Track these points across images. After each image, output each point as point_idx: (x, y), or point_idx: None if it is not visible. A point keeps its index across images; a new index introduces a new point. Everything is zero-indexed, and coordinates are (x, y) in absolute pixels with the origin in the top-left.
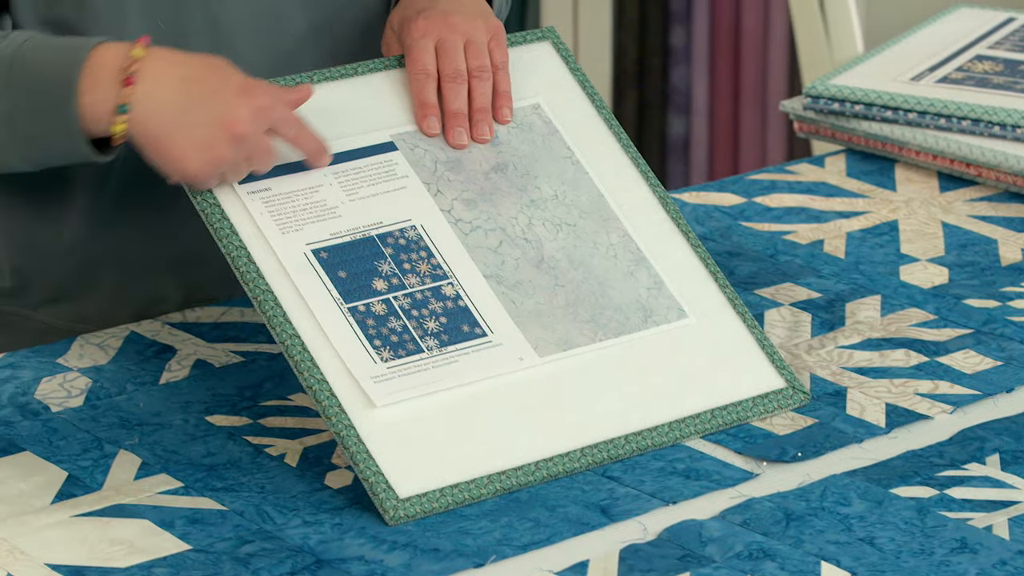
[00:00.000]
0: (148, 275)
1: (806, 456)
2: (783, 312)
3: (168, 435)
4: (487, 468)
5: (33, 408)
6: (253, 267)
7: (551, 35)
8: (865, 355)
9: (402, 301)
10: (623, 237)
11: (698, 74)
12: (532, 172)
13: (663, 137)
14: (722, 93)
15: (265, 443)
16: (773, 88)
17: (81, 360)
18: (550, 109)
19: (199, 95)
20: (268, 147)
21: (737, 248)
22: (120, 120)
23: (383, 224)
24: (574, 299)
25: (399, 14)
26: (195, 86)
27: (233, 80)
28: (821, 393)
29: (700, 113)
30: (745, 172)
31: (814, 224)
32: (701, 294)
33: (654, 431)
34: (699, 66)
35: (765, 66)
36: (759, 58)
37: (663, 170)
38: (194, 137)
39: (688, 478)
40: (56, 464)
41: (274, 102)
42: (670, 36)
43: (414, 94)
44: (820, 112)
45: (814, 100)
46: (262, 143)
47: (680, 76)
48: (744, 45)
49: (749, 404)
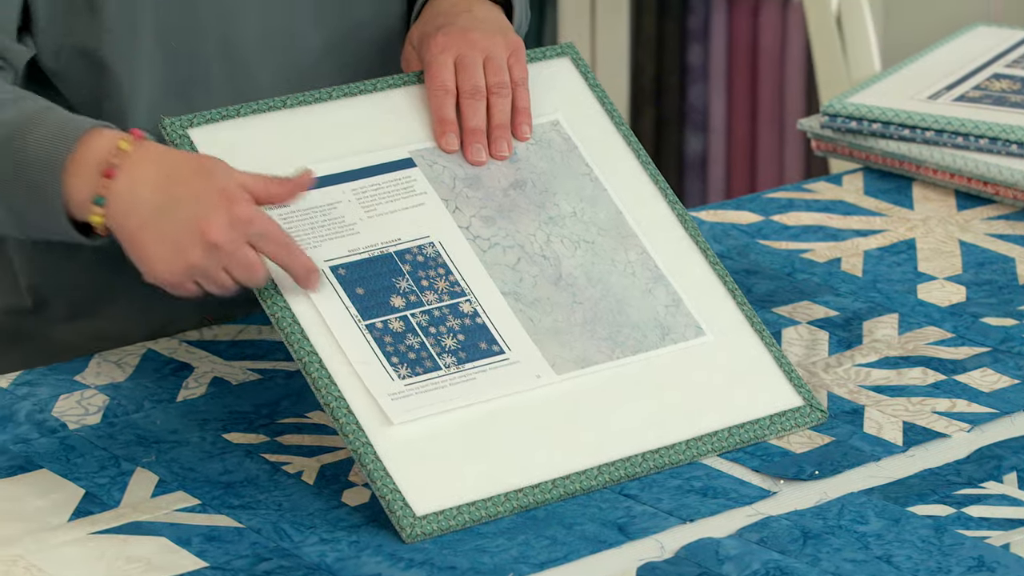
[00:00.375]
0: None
1: (823, 474)
2: (800, 330)
3: (185, 452)
4: (504, 486)
5: (50, 425)
6: (271, 284)
7: (570, 51)
8: (882, 373)
9: (420, 318)
10: (641, 254)
11: (715, 92)
12: (551, 189)
13: (680, 155)
14: (739, 111)
15: (282, 460)
16: (790, 106)
17: (98, 377)
18: (569, 125)
19: (177, 197)
20: (249, 260)
21: (754, 266)
22: (96, 211)
23: (401, 241)
24: (592, 316)
25: (419, 30)
26: (175, 188)
27: (217, 184)
28: (838, 411)
29: (717, 131)
30: (762, 190)
31: (831, 242)
32: (719, 312)
33: (671, 449)
34: (716, 84)
35: (782, 84)
36: (776, 76)
37: (680, 188)
38: (166, 240)
39: (705, 496)
40: (73, 481)
41: (256, 215)
42: (687, 54)
43: (433, 110)
44: (837, 130)
45: (831, 118)
46: (241, 254)
47: (697, 94)
48: (761, 63)
49: (766, 422)
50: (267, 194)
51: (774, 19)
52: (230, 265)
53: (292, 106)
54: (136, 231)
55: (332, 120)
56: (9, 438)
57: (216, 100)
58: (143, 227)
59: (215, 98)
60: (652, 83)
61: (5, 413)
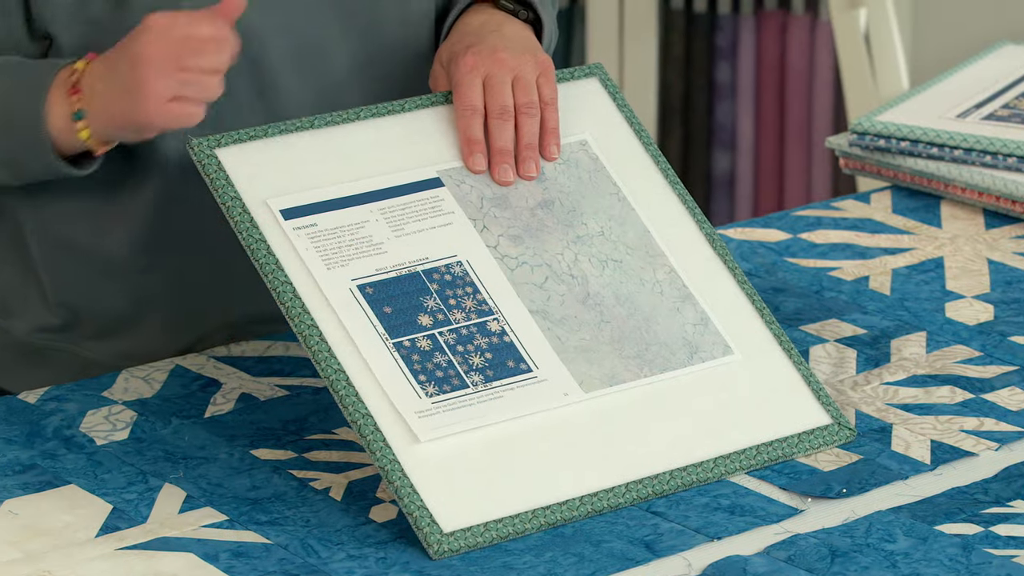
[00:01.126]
0: (196, 311)
1: (851, 492)
2: (828, 348)
3: (213, 468)
4: (532, 503)
5: (78, 441)
6: (298, 302)
7: (599, 71)
8: (910, 392)
9: (447, 336)
10: (669, 273)
11: (743, 110)
12: (578, 208)
13: (708, 173)
14: (767, 129)
15: (310, 477)
16: (818, 124)
17: (126, 393)
18: (597, 145)
19: (115, 60)
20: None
21: (782, 284)
22: (80, 127)
23: (429, 260)
24: (620, 335)
25: (448, 49)
26: (112, 57)
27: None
28: (866, 429)
29: (745, 149)
30: (790, 208)
31: (859, 260)
32: (747, 331)
33: (699, 467)
34: (744, 102)
35: (811, 102)
36: (805, 94)
37: (708, 206)
38: (126, 89)
39: (733, 514)
40: (101, 497)
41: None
42: (716, 72)
43: (460, 130)
44: (866, 148)
45: (860, 136)
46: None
47: (725, 112)
48: (789, 81)
49: (795, 440)
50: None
51: (802, 37)
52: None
53: (320, 126)
54: (107, 111)
55: (360, 140)
56: (37, 453)
57: (246, 118)
58: (109, 104)
59: (244, 116)
60: (680, 101)
61: (33, 429)
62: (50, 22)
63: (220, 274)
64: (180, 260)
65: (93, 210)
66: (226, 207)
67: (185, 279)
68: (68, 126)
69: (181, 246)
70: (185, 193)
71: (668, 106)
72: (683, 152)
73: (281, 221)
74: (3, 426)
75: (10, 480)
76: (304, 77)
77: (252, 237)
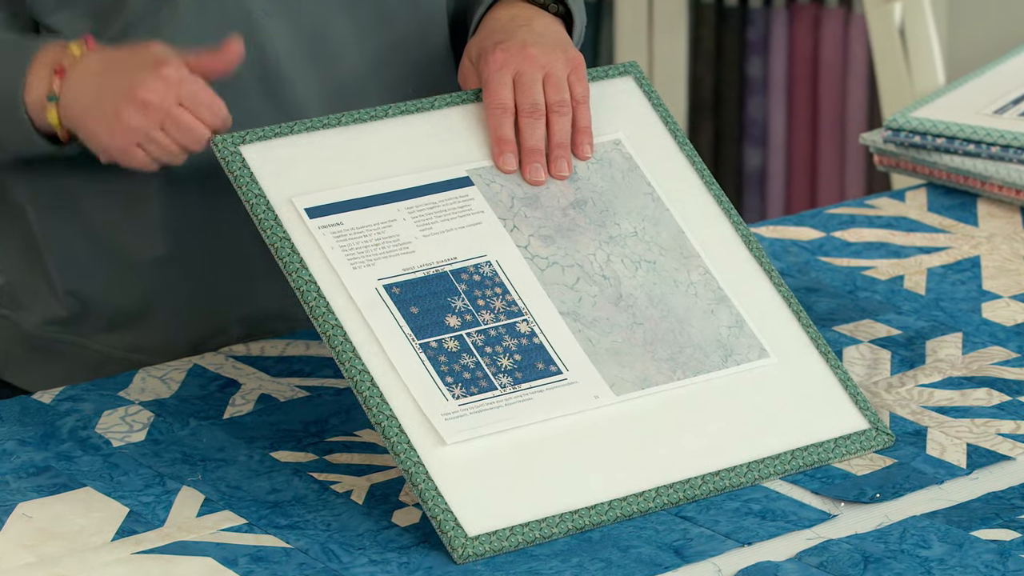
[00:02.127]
0: (209, 305)
1: (885, 497)
2: (862, 349)
3: (232, 471)
4: (559, 507)
5: (94, 442)
6: (323, 301)
7: (634, 70)
8: (946, 394)
9: (475, 338)
10: (704, 275)
11: (775, 105)
12: (611, 208)
13: (739, 169)
14: (800, 125)
15: (331, 479)
16: (852, 120)
17: (143, 393)
18: (631, 145)
19: (113, 73)
20: (184, 120)
21: (815, 283)
22: (50, 107)
23: (457, 260)
24: (652, 337)
25: (476, 45)
26: (112, 66)
27: (149, 55)
28: (901, 433)
29: (777, 145)
30: (823, 206)
31: (894, 259)
32: (783, 333)
33: (732, 471)
34: (776, 97)
35: (844, 98)
36: (838, 90)
37: (739, 203)
38: (105, 110)
39: (764, 519)
40: (117, 500)
41: (186, 76)
42: (747, 66)
43: (491, 129)
44: (901, 145)
45: (895, 133)
46: (175, 113)
47: (757, 107)
48: (823, 76)
49: (831, 445)
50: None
51: (836, 30)
52: (166, 125)
53: (347, 124)
54: (82, 114)
55: (387, 138)
56: (52, 455)
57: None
58: (86, 108)
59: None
60: (711, 96)
61: (48, 430)
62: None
63: (235, 267)
64: (194, 251)
65: (102, 197)
66: (250, 205)
67: (199, 271)
68: (42, 102)
69: (195, 236)
70: (200, 184)
71: (698, 101)
72: (714, 148)
73: (306, 220)
74: (17, 427)
75: (24, 482)
76: (316, 72)
77: (276, 235)
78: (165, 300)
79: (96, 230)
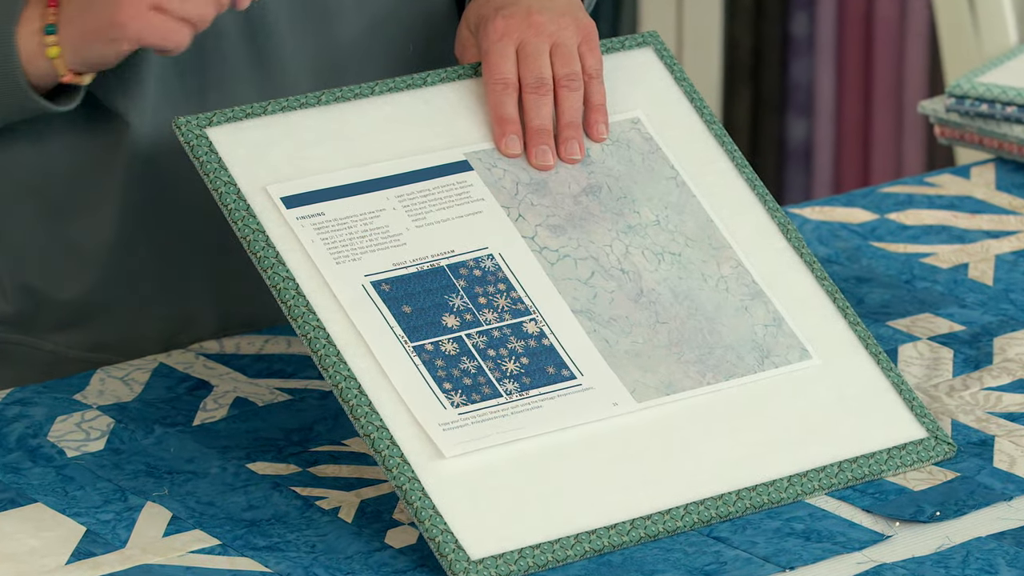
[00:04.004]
0: (177, 294)
1: (946, 516)
2: (920, 347)
3: (203, 485)
4: (574, 527)
5: (46, 452)
6: (302, 300)
7: (653, 40)
8: (1016, 398)
9: (477, 339)
10: (736, 268)
11: (823, 68)
12: (630, 195)
13: (781, 142)
14: (851, 91)
15: (316, 495)
16: (911, 86)
17: (101, 396)
18: (651, 124)
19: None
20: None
21: (867, 273)
22: (50, 42)
23: (455, 253)
24: (678, 337)
25: (475, 11)
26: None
27: None
28: (964, 443)
29: (824, 114)
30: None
31: (957, 245)
32: (827, 332)
33: (771, 486)
34: (824, 59)
35: (902, 60)
36: (895, 50)
37: (780, 181)
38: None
39: (808, 540)
40: (72, 518)
41: None
42: (790, 24)
43: (491, 107)
44: (965, 115)
45: (958, 100)
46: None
47: (801, 70)
48: (877, 35)
49: (884, 457)
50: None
51: None
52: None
53: (328, 102)
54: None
55: (374, 118)
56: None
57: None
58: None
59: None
60: (749, 58)
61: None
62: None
63: (206, 253)
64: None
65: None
66: (219, 194)
67: (163, 258)
68: (38, 48)
69: (158, 219)
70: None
71: (735, 64)
72: (751, 118)
73: (283, 210)
74: None
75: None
76: (307, 40)
77: (248, 228)
78: (126, 292)
79: (46, 215)
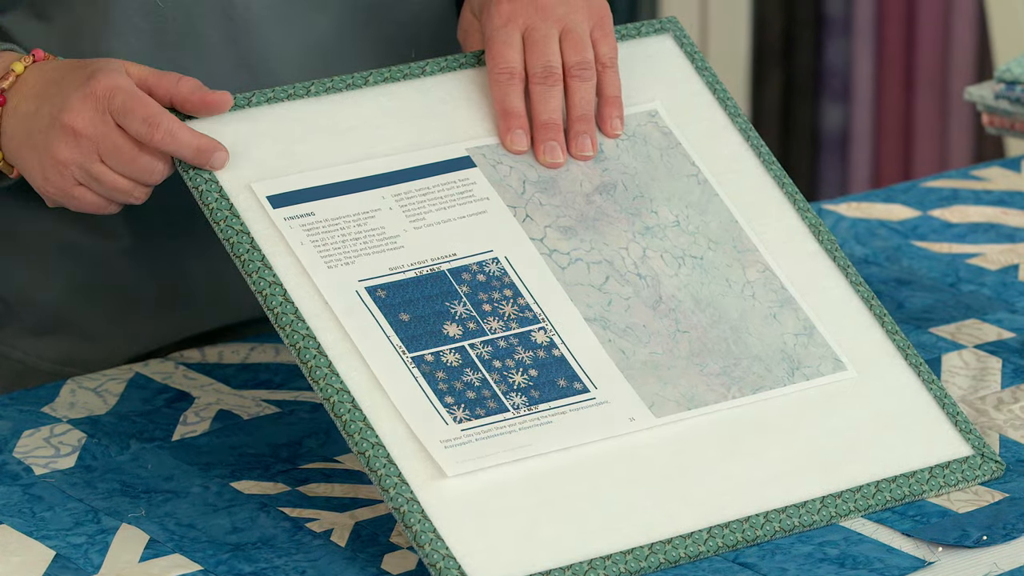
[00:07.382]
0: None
1: (993, 540)
2: (966, 356)
3: (183, 505)
4: (587, 552)
5: (11, 470)
6: (290, 307)
7: (673, 26)
8: None
9: (481, 350)
10: (763, 273)
11: (861, 50)
12: (647, 194)
13: (814, 132)
14: (891, 75)
15: (306, 516)
16: (956, 71)
17: (72, 409)
18: (670, 117)
19: (48, 95)
20: (118, 144)
21: (908, 275)
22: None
23: (457, 256)
24: (700, 348)
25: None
26: (48, 89)
27: (86, 71)
28: (1013, 460)
29: (862, 100)
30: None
31: (1007, 244)
32: (863, 341)
33: (802, 508)
34: (862, 40)
35: (946, 42)
36: (939, 31)
37: (813, 174)
38: (36, 143)
39: (843, 566)
40: (41, 541)
41: (118, 86)
42: (825, 2)
43: (495, 100)
44: (1016, 102)
45: (1009, 86)
46: (111, 139)
47: (837, 52)
48: (920, 15)
49: (925, 476)
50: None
51: None
52: (103, 153)
53: (318, 94)
54: (18, 151)
55: (369, 111)
56: None
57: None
58: (22, 144)
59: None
60: (780, 39)
61: None
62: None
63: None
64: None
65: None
66: (199, 192)
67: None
68: None
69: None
70: None
71: (764, 46)
72: (782, 104)
73: (269, 210)
74: None
75: None
76: (290, 27)
77: (231, 229)
78: (103, 297)
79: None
